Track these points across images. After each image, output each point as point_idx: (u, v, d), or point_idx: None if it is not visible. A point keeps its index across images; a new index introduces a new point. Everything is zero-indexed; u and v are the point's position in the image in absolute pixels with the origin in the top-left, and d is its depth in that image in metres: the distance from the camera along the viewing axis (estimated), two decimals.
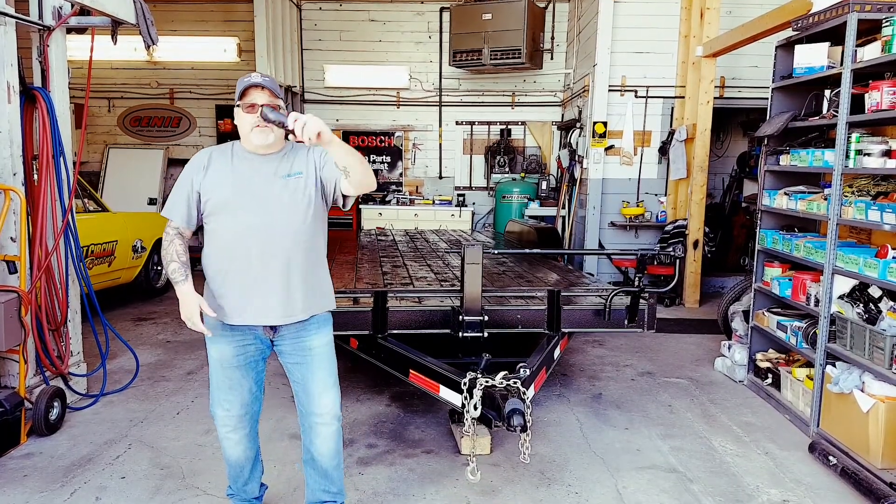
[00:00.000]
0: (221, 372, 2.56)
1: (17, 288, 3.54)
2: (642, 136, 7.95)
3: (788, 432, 3.94)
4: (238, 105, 2.41)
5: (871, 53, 3.51)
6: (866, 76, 3.68)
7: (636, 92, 7.85)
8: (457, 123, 9.86)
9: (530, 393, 3.03)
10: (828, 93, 4.00)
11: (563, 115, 9.60)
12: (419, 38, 9.66)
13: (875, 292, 3.61)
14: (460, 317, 3.53)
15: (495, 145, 9.74)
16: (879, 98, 3.39)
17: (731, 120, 9.36)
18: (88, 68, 4.33)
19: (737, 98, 7.86)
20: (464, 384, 2.99)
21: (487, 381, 2.93)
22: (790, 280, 4.27)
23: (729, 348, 5.01)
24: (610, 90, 7.77)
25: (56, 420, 3.77)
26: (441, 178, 9.98)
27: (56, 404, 3.77)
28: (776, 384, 4.39)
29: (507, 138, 9.73)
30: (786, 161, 4.39)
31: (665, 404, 4.38)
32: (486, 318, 3.57)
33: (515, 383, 2.93)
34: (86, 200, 6.29)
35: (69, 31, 4.21)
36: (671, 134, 7.65)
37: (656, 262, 7.34)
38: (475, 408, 2.90)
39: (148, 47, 4.49)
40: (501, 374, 2.97)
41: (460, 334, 3.54)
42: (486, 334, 3.54)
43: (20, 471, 3.30)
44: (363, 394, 4.45)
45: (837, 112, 3.72)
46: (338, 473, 2.71)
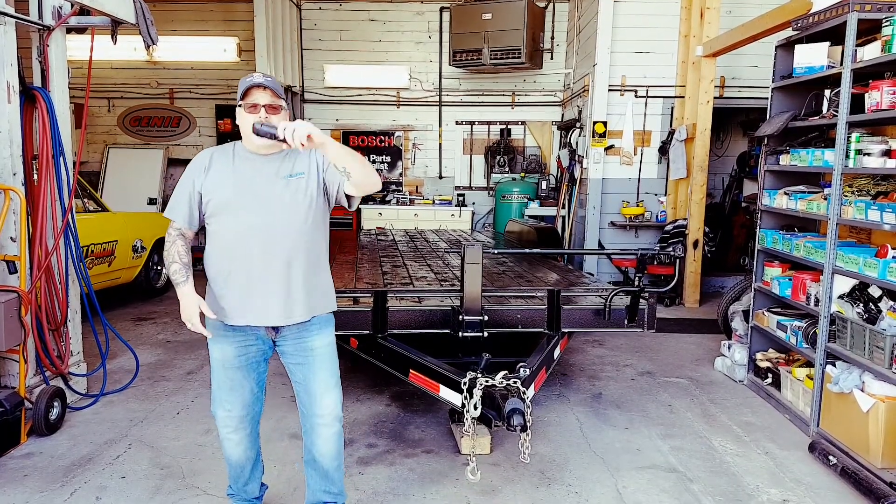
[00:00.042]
0: (223, 372, 2.56)
1: (17, 288, 3.54)
2: (642, 135, 7.95)
3: (788, 432, 3.94)
4: (240, 105, 2.41)
5: (871, 53, 3.51)
6: (866, 76, 3.68)
7: (636, 92, 7.85)
8: (457, 123, 9.86)
9: (530, 393, 3.03)
10: (828, 92, 4.00)
11: (562, 115, 9.60)
12: (419, 37, 9.66)
13: (875, 292, 3.61)
14: (460, 316, 3.53)
15: (495, 145, 9.74)
16: (879, 98, 3.39)
17: (730, 120, 9.36)
18: (88, 68, 4.33)
19: (737, 98, 7.86)
20: (464, 384, 2.99)
21: (487, 381, 2.93)
22: (790, 280, 4.27)
23: (729, 348, 5.01)
24: (610, 90, 7.77)
25: (56, 420, 3.77)
26: (441, 177, 9.98)
27: (56, 404, 3.78)
28: (776, 384, 4.39)
29: (507, 138, 9.73)
30: (786, 161, 4.40)
31: (665, 404, 4.38)
32: (486, 317, 3.57)
33: (515, 383, 2.93)
34: (86, 200, 6.29)
35: (69, 30, 4.21)
36: (671, 134, 7.65)
37: (656, 262, 7.34)
38: (475, 407, 2.90)
39: (148, 47, 4.49)
40: (501, 373, 2.97)
41: (460, 334, 3.54)
42: (486, 334, 3.54)
43: (20, 470, 3.30)
44: (363, 393, 4.45)
45: (837, 112, 3.72)
46: (339, 474, 2.71)
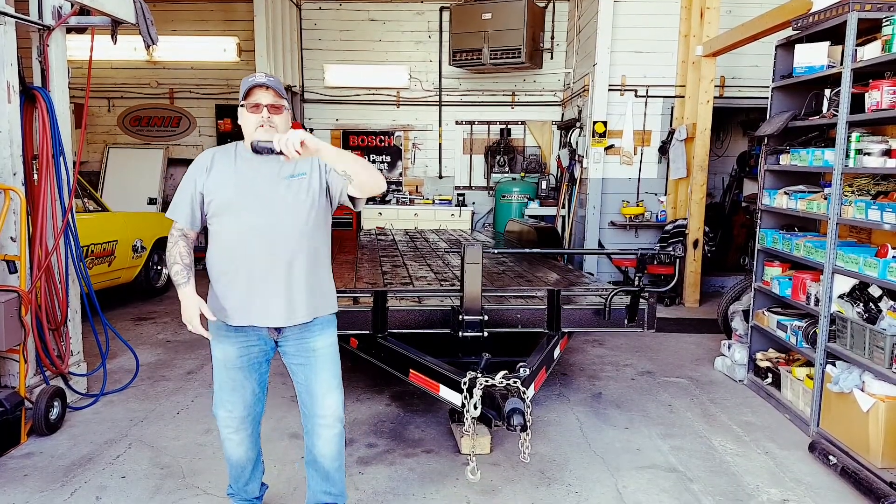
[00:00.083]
0: (225, 373, 2.56)
1: (18, 288, 3.54)
2: (642, 135, 7.95)
3: (788, 432, 3.94)
4: (242, 105, 2.40)
5: (871, 53, 3.50)
6: (866, 75, 3.68)
7: (636, 91, 7.85)
8: (457, 123, 9.86)
9: (530, 392, 3.03)
10: (828, 92, 4.00)
11: (562, 115, 9.60)
12: (419, 37, 9.66)
13: (875, 292, 3.61)
14: (460, 316, 3.53)
15: (495, 145, 9.74)
16: (879, 97, 3.39)
17: (731, 119, 9.36)
18: (88, 68, 4.33)
19: (737, 97, 7.86)
20: (464, 384, 2.99)
21: (487, 381, 2.93)
22: (790, 279, 4.27)
23: (729, 348, 5.01)
24: (610, 90, 7.77)
25: (56, 420, 3.77)
26: (441, 177, 9.98)
27: (56, 404, 3.78)
28: (776, 384, 4.39)
29: (507, 138, 9.73)
30: (786, 160, 4.39)
31: (665, 404, 4.38)
32: (486, 317, 3.57)
33: (515, 383, 2.93)
34: (86, 200, 6.29)
35: (69, 30, 4.21)
36: (671, 133, 7.65)
37: (656, 262, 7.34)
38: (475, 407, 2.90)
39: (148, 47, 4.49)
40: (501, 373, 2.97)
41: (460, 334, 3.54)
42: (485, 334, 3.54)
43: (20, 470, 3.30)
44: (363, 393, 4.45)
45: (837, 111, 3.72)
46: (339, 475, 2.70)
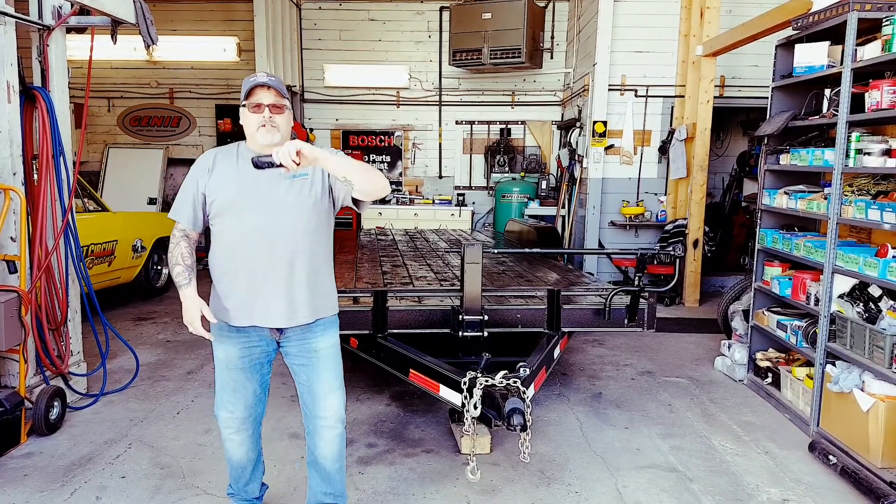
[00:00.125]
0: (226, 373, 2.56)
1: (18, 288, 3.54)
2: (642, 135, 7.95)
3: (788, 431, 3.94)
4: (244, 105, 2.40)
5: (872, 52, 3.50)
6: (866, 75, 3.68)
7: (636, 91, 7.85)
8: (456, 123, 9.86)
9: (530, 392, 3.03)
10: (828, 92, 4.00)
11: (562, 115, 9.60)
12: (419, 37, 9.66)
13: (875, 291, 3.61)
14: (460, 316, 3.53)
15: (495, 145, 9.74)
16: (879, 97, 3.39)
17: (730, 119, 9.36)
18: (88, 68, 4.33)
19: (737, 97, 7.86)
20: (464, 383, 2.99)
21: (487, 381, 2.93)
22: (790, 279, 4.27)
23: (729, 347, 5.01)
24: (610, 89, 7.77)
25: (56, 420, 3.77)
26: (441, 177, 9.98)
27: (56, 404, 3.78)
28: (776, 383, 4.39)
29: (507, 138, 9.73)
30: (786, 160, 4.39)
31: (665, 403, 4.38)
32: (486, 317, 3.57)
33: (515, 382, 2.93)
34: (86, 200, 6.29)
35: (69, 30, 4.20)
36: (671, 133, 7.65)
37: (656, 262, 7.34)
38: (475, 407, 2.90)
39: (148, 47, 4.49)
40: (501, 373, 2.97)
41: (460, 334, 3.54)
42: (485, 334, 3.54)
43: (20, 470, 3.30)
44: (363, 393, 4.45)
45: (837, 111, 3.72)
46: (340, 475, 2.70)
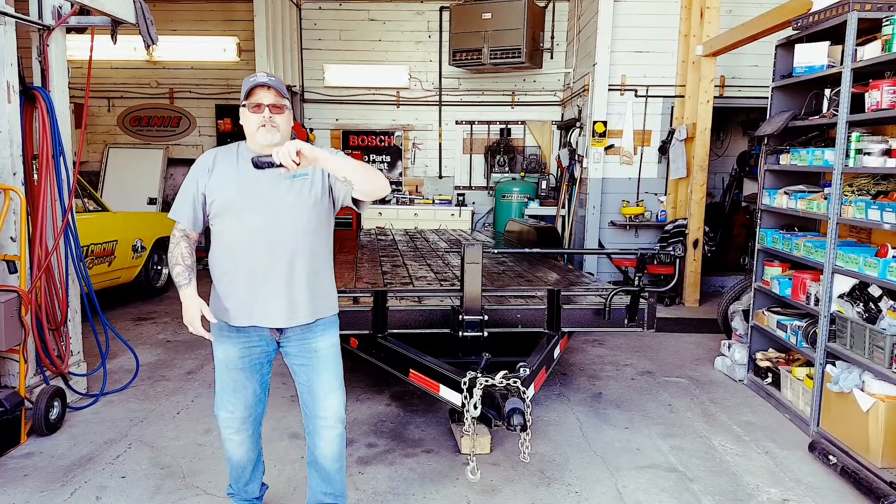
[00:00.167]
0: (226, 373, 2.56)
1: (18, 288, 3.54)
2: (642, 135, 7.95)
3: (788, 431, 3.94)
4: (244, 105, 2.40)
5: (871, 52, 3.50)
6: (866, 75, 3.68)
7: (636, 91, 7.85)
8: (456, 123, 9.86)
9: (530, 392, 3.03)
10: (828, 92, 4.00)
11: (562, 115, 9.60)
12: (419, 37, 9.66)
13: (875, 291, 3.61)
14: (460, 316, 3.53)
15: (495, 145, 9.74)
16: (879, 97, 3.39)
17: (730, 119, 9.36)
18: (88, 68, 4.33)
19: (737, 97, 7.86)
20: (464, 383, 2.99)
21: (487, 381, 2.93)
22: (790, 279, 4.27)
23: (729, 347, 5.01)
24: (610, 89, 7.77)
25: (56, 420, 3.77)
26: (441, 177, 9.98)
27: (56, 404, 3.78)
28: (776, 383, 4.39)
29: (507, 138, 9.73)
30: (786, 160, 4.39)
31: (665, 403, 4.38)
32: (486, 317, 3.57)
33: (515, 382, 2.93)
34: (86, 200, 6.29)
35: (69, 30, 4.20)
36: (671, 133, 7.65)
37: (656, 262, 7.34)
38: (475, 407, 2.90)
39: (148, 47, 4.49)
40: (501, 373, 2.97)
41: (460, 334, 3.54)
42: (485, 334, 3.54)
43: (20, 470, 3.30)
44: (363, 393, 4.45)
45: (837, 111, 3.72)
46: (340, 475, 2.70)
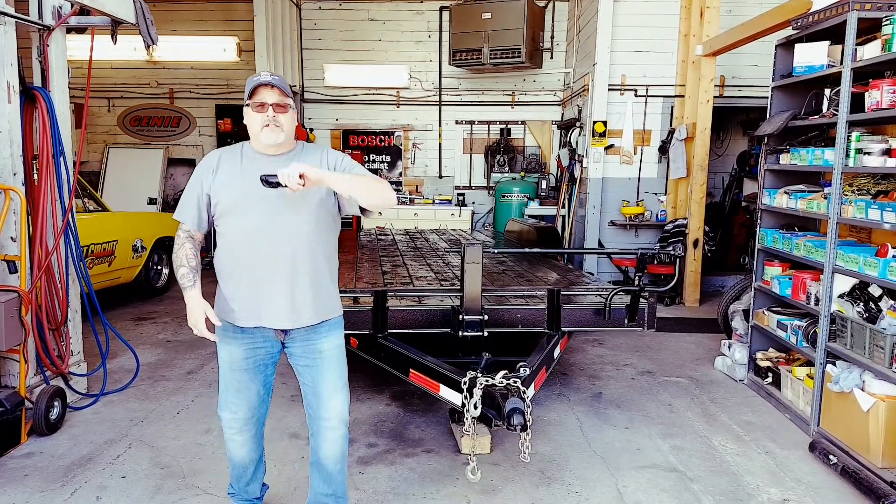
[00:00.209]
0: (230, 374, 2.56)
1: (18, 288, 3.54)
2: (642, 135, 7.95)
3: (789, 431, 3.94)
4: (247, 104, 2.39)
5: (871, 52, 3.50)
6: (866, 75, 3.68)
7: (636, 91, 7.85)
8: (456, 123, 9.86)
9: (530, 392, 3.03)
10: (828, 91, 4.00)
11: (562, 115, 9.60)
12: (419, 37, 9.66)
13: (875, 291, 3.61)
14: (460, 316, 3.53)
15: (495, 144, 9.74)
16: (879, 97, 3.39)
17: (730, 119, 9.36)
18: (88, 68, 4.33)
19: (737, 97, 7.86)
20: (464, 383, 2.99)
21: (487, 381, 2.93)
22: (790, 279, 4.27)
23: (729, 347, 5.01)
24: (610, 89, 7.77)
25: (56, 419, 3.77)
26: (441, 177, 9.98)
27: (56, 404, 3.78)
28: (776, 383, 4.39)
29: (507, 137, 9.73)
30: (786, 160, 4.39)
31: (665, 403, 4.38)
32: (486, 317, 3.57)
33: (515, 382, 2.93)
34: (86, 200, 6.29)
35: (69, 30, 4.20)
36: (671, 133, 7.65)
37: (656, 262, 7.34)
38: (475, 407, 2.90)
39: (148, 47, 4.49)
40: (501, 373, 2.97)
41: (460, 333, 3.54)
42: (486, 333, 3.54)
43: (21, 470, 3.31)
44: (363, 393, 4.45)
45: (837, 111, 3.72)
46: (342, 476, 2.70)
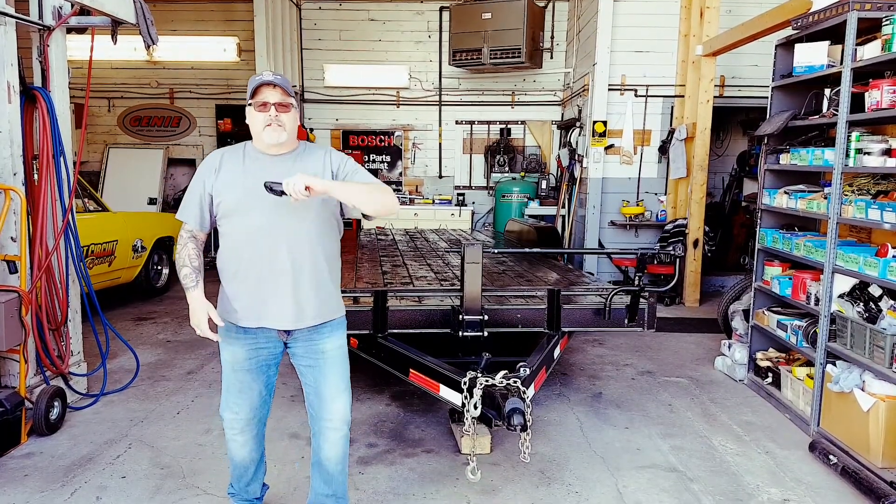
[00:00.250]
0: (232, 375, 2.56)
1: (18, 288, 3.54)
2: (642, 135, 7.95)
3: (789, 431, 3.94)
4: (250, 104, 2.39)
5: (871, 52, 3.50)
6: (866, 75, 3.68)
7: (636, 91, 7.85)
8: (456, 123, 9.86)
9: (530, 392, 3.03)
10: (828, 91, 4.00)
11: (562, 115, 9.60)
12: (419, 37, 9.66)
13: (875, 291, 3.61)
14: (460, 316, 3.53)
15: (495, 144, 9.74)
16: (879, 97, 3.39)
17: (730, 119, 9.36)
18: (88, 68, 4.33)
19: (737, 97, 7.86)
20: (464, 383, 2.99)
21: (487, 381, 2.93)
22: (790, 279, 4.27)
23: (729, 347, 5.01)
24: (610, 89, 7.77)
25: (56, 420, 3.77)
26: (441, 177, 9.98)
27: (56, 404, 3.78)
28: (776, 383, 4.39)
29: (507, 137, 9.73)
30: (786, 160, 4.39)
31: (665, 403, 4.38)
32: (486, 317, 3.57)
33: (515, 382, 2.93)
34: (86, 200, 6.29)
35: (69, 30, 4.20)
36: (671, 133, 7.65)
37: (656, 262, 7.34)
38: (475, 407, 2.90)
39: (148, 47, 4.49)
40: (501, 373, 2.97)
41: (460, 333, 3.54)
42: (486, 333, 3.54)
43: (21, 470, 3.30)
44: (363, 393, 4.45)
45: (837, 111, 3.72)
46: (342, 477, 2.70)
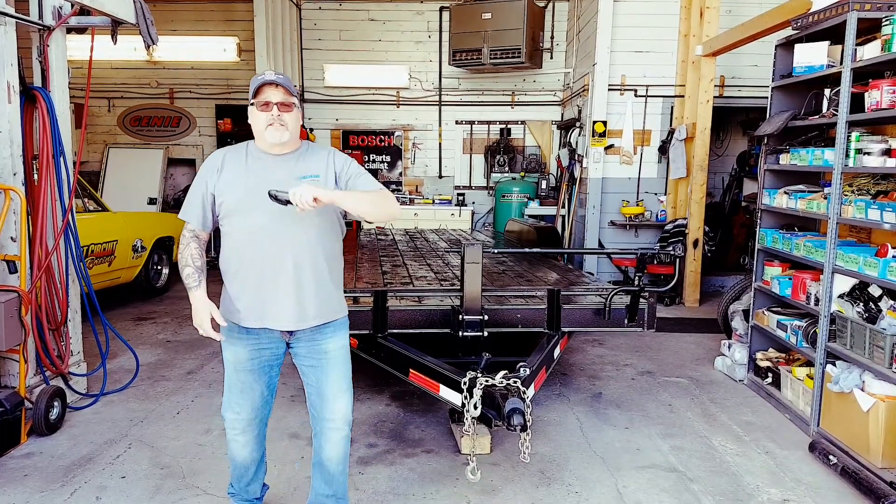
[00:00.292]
0: (235, 375, 2.56)
1: (18, 288, 3.54)
2: (642, 135, 7.95)
3: (789, 431, 3.94)
4: (252, 103, 2.39)
5: (871, 52, 3.50)
6: (866, 75, 3.68)
7: (636, 91, 7.85)
8: (456, 123, 9.86)
9: (530, 392, 3.03)
10: (827, 92, 4.00)
11: (562, 115, 9.60)
12: (419, 37, 9.66)
13: (875, 291, 3.61)
14: (460, 316, 3.53)
15: (495, 144, 9.74)
16: (879, 97, 3.39)
17: (730, 119, 9.36)
18: (88, 68, 4.33)
19: (737, 97, 7.86)
20: (464, 383, 2.99)
21: (487, 381, 2.93)
22: (790, 279, 4.27)
23: (729, 347, 5.01)
24: (610, 89, 7.77)
25: (56, 420, 3.77)
26: (441, 177, 9.98)
27: (56, 404, 3.78)
28: (776, 383, 4.39)
29: (507, 137, 9.73)
30: (786, 160, 4.39)
31: (665, 403, 4.38)
32: (486, 317, 3.57)
33: (515, 382, 2.93)
34: (86, 200, 6.29)
35: (69, 30, 4.20)
36: (671, 133, 7.65)
37: (656, 262, 7.34)
38: (475, 407, 2.90)
39: (148, 47, 4.49)
40: (501, 373, 2.97)
41: (460, 333, 3.54)
42: (486, 333, 3.54)
43: (20, 470, 3.30)
44: (363, 393, 4.45)
45: (837, 111, 3.72)
46: (343, 478, 2.70)
